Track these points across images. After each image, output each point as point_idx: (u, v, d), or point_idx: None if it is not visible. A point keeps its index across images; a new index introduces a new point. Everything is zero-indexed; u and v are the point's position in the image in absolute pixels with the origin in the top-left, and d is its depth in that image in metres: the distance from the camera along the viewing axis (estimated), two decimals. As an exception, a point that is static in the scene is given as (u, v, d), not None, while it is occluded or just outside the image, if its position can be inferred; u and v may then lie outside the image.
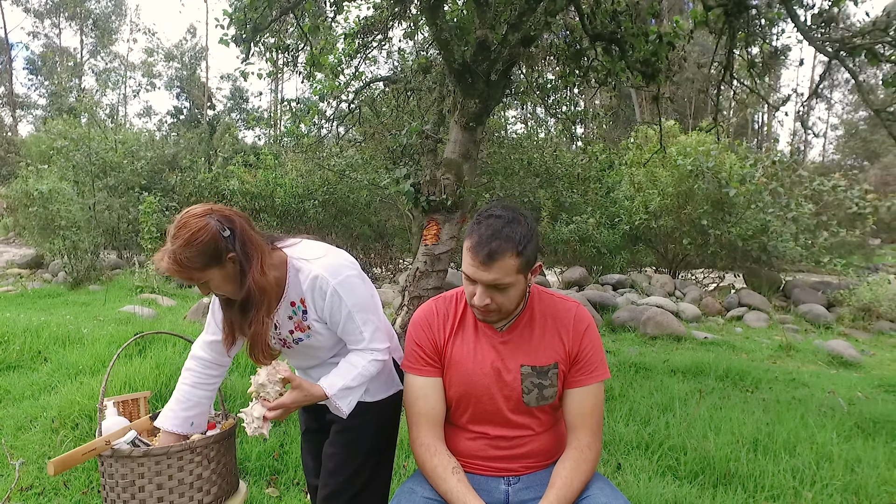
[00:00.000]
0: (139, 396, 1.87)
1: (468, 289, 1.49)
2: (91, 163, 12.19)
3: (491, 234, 1.39)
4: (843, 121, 38.04)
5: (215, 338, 1.69)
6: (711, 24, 4.72)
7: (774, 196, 10.23)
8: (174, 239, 1.43)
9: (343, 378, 1.58)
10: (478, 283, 1.44)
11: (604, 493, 1.43)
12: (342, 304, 1.57)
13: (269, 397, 1.52)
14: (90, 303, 8.00)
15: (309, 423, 1.91)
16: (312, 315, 1.60)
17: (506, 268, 1.40)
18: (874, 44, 3.85)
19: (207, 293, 1.54)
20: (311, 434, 1.91)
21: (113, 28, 39.11)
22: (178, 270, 1.43)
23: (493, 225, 1.41)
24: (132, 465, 1.51)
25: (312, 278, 1.56)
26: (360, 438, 1.72)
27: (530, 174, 9.63)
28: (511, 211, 1.46)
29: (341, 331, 1.62)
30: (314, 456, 1.88)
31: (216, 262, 1.45)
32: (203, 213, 1.46)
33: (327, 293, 1.56)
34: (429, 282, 3.85)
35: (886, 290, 8.82)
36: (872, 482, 2.82)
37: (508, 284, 1.42)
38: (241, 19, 5.08)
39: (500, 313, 1.50)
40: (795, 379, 5.16)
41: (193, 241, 1.42)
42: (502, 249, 1.38)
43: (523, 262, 1.42)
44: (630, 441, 3.33)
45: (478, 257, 1.39)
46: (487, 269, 1.39)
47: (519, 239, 1.40)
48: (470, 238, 1.43)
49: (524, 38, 3.92)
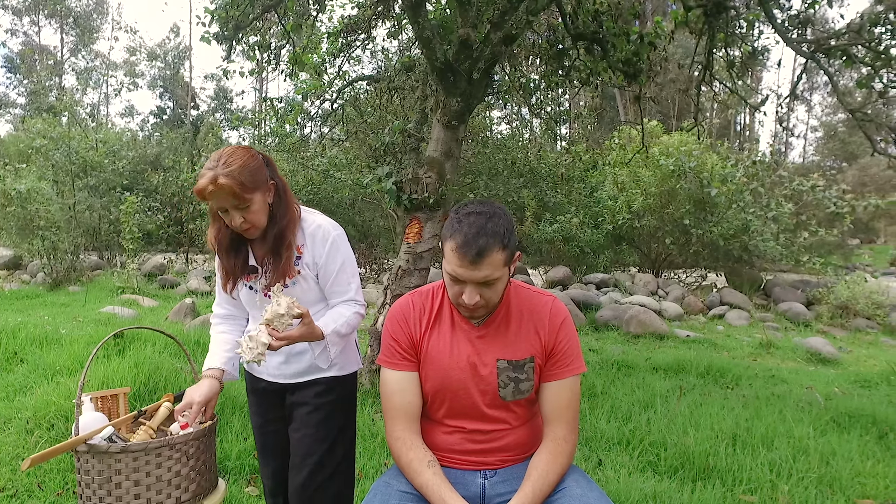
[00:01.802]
0: (118, 392, 1.84)
1: (453, 289, 1.48)
2: (71, 162, 12.04)
3: (476, 233, 1.39)
4: (823, 123, 38.66)
5: (221, 296, 1.87)
6: (692, 24, 4.78)
7: (755, 196, 10.38)
8: (226, 164, 1.55)
9: (335, 322, 1.68)
10: (466, 283, 1.44)
11: (579, 485, 1.44)
12: (338, 254, 1.74)
13: (279, 328, 1.54)
14: (70, 304, 7.89)
15: (268, 413, 1.89)
16: (307, 259, 1.72)
17: (494, 263, 1.40)
18: (849, 45, 3.92)
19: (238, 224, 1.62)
20: (271, 425, 1.89)
21: (94, 26, 38.59)
22: (231, 187, 1.54)
23: (476, 222, 1.40)
24: (109, 462, 1.49)
25: (316, 226, 1.73)
26: (329, 416, 1.79)
27: (514, 174, 9.66)
28: (488, 206, 1.47)
29: (332, 281, 1.74)
30: (275, 447, 1.88)
31: (263, 186, 1.62)
32: (246, 147, 1.64)
33: (328, 242, 1.72)
34: (411, 280, 3.85)
35: (863, 289, 8.99)
36: (846, 474, 2.88)
37: (497, 279, 1.43)
38: (223, 17, 5.05)
39: (487, 308, 1.51)
40: (775, 375, 5.23)
41: (247, 165, 1.58)
42: (490, 246, 1.39)
43: (508, 255, 1.44)
44: (611, 437, 3.36)
45: (467, 257, 1.39)
46: (477, 267, 1.39)
47: (503, 232, 1.41)
48: (454, 238, 1.41)
49: (506, 36, 3.94)
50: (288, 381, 1.82)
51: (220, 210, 1.62)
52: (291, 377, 1.81)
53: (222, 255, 1.75)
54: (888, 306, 8.94)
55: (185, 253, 14.78)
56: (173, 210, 14.34)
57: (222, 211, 1.62)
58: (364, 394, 3.92)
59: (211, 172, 1.55)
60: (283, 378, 1.83)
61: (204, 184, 1.54)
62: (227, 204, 1.58)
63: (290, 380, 1.82)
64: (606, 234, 11.47)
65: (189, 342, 4.50)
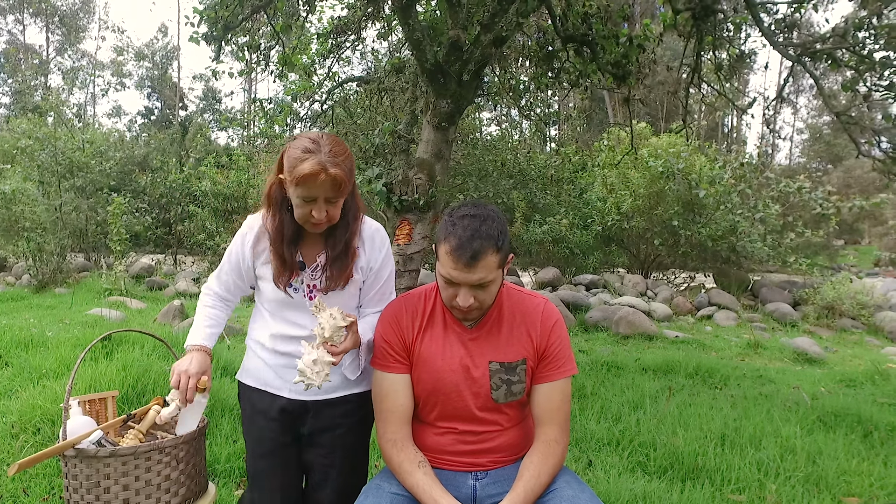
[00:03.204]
0: (106, 396, 1.82)
1: (447, 292, 1.48)
2: (57, 163, 11.91)
3: (471, 235, 1.40)
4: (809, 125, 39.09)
5: (228, 279, 1.72)
6: (680, 27, 4.82)
7: (743, 197, 10.47)
8: (333, 153, 1.47)
9: (369, 332, 1.63)
10: (460, 286, 1.44)
11: (570, 486, 1.45)
12: (390, 261, 1.72)
13: (337, 342, 1.46)
14: (56, 306, 7.81)
15: (284, 436, 1.67)
16: (362, 263, 1.65)
17: (489, 266, 1.41)
18: (834, 49, 3.97)
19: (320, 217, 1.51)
20: (282, 450, 1.67)
21: (80, 25, 38.23)
22: (341, 179, 1.47)
23: (471, 225, 1.41)
24: (97, 466, 1.48)
25: (375, 229, 1.69)
26: (360, 436, 1.73)
27: (504, 175, 9.69)
28: (481, 208, 1.47)
29: (379, 288, 1.71)
30: (285, 474, 1.68)
31: (352, 181, 1.57)
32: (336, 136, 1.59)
33: (385, 248, 1.69)
34: (401, 282, 3.85)
35: (848, 289, 9.09)
36: (832, 473, 2.91)
37: (491, 281, 1.44)
38: (212, 17, 5.03)
39: (481, 310, 1.52)
40: (762, 375, 5.28)
41: (349, 157, 1.52)
42: (484, 248, 1.39)
43: (502, 257, 1.45)
44: (601, 438, 3.37)
45: (461, 259, 1.39)
46: (472, 270, 1.40)
47: (497, 235, 1.42)
48: (448, 241, 1.42)
49: (496, 38, 3.95)
50: (316, 399, 1.64)
51: (308, 199, 1.48)
52: (322, 393, 1.64)
53: (283, 247, 1.58)
54: (873, 306, 9.06)
55: (174, 254, 14.68)
56: (161, 211, 14.24)
57: (309, 200, 1.48)
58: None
59: (317, 158, 1.44)
60: (309, 394, 1.64)
61: (316, 170, 1.43)
62: (323, 194, 1.47)
63: (319, 396, 1.64)
64: (596, 236, 11.52)
65: (178, 344, 4.47)
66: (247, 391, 1.72)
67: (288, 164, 1.48)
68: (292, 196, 1.51)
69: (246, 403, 1.73)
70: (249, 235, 1.64)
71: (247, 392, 1.72)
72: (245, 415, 1.74)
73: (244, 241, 1.64)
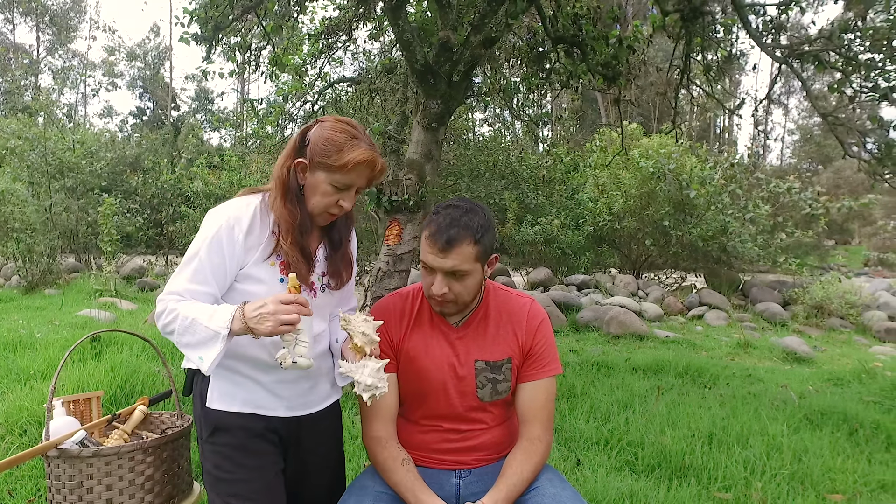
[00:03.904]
0: (91, 396, 1.82)
1: (426, 279, 1.51)
2: (47, 163, 11.84)
3: (450, 223, 1.43)
4: (799, 126, 39.36)
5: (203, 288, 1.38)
6: (669, 28, 4.85)
7: (733, 198, 10.53)
8: (372, 142, 1.43)
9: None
10: (436, 273, 1.46)
11: (553, 484, 1.46)
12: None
13: (377, 349, 1.39)
14: (45, 307, 7.75)
15: (277, 458, 1.50)
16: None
17: (464, 255, 1.43)
18: (820, 51, 4.01)
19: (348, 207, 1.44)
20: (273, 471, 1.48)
21: (71, 25, 38.00)
22: (385, 168, 1.45)
23: (452, 214, 1.45)
24: (80, 466, 1.48)
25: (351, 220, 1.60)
26: (341, 446, 1.69)
27: (496, 176, 9.70)
28: (468, 202, 1.51)
29: (350, 284, 1.62)
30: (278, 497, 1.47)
31: None
32: None
33: (355, 241, 1.63)
34: (391, 282, 3.85)
35: (837, 289, 9.17)
36: (817, 470, 2.94)
37: (466, 272, 1.45)
38: (202, 17, 5.01)
39: (457, 304, 1.52)
40: (751, 375, 5.31)
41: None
42: (461, 237, 1.42)
43: (481, 251, 1.46)
44: (590, 437, 3.39)
45: (437, 244, 1.43)
46: (446, 255, 1.42)
47: (477, 228, 1.45)
48: (428, 227, 1.47)
49: (486, 39, 3.96)
50: (309, 412, 1.53)
51: (344, 187, 1.40)
52: (314, 405, 1.54)
53: (303, 240, 1.43)
54: (861, 306, 9.14)
55: (165, 255, 14.62)
56: (153, 212, 14.18)
57: (343, 188, 1.41)
58: (346, 395, 3.91)
59: (365, 144, 1.39)
60: (303, 408, 1.51)
61: (371, 157, 1.38)
62: (359, 184, 1.42)
63: (311, 409, 1.53)
64: (587, 236, 11.56)
65: (166, 346, 4.45)
66: (231, 419, 1.43)
67: (325, 149, 1.38)
68: (320, 182, 1.39)
69: (231, 435, 1.43)
70: (238, 229, 1.39)
71: (231, 420, 1.43)
72: (228, 449, 1.42)
73: (232, 237, 1.38)
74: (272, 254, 1.43)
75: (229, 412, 1.43)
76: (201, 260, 1.37)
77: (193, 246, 1.39)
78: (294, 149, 1.43)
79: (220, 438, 1.43)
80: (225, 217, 1.40)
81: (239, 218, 1.40)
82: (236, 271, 1.42)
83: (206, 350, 1.29)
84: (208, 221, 1.41)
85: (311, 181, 1.42)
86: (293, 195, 1.43)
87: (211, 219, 1.42)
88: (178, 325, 1.31)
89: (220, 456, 1.43)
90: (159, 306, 1.35)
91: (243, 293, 1.42)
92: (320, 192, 1.41)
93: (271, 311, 1.25)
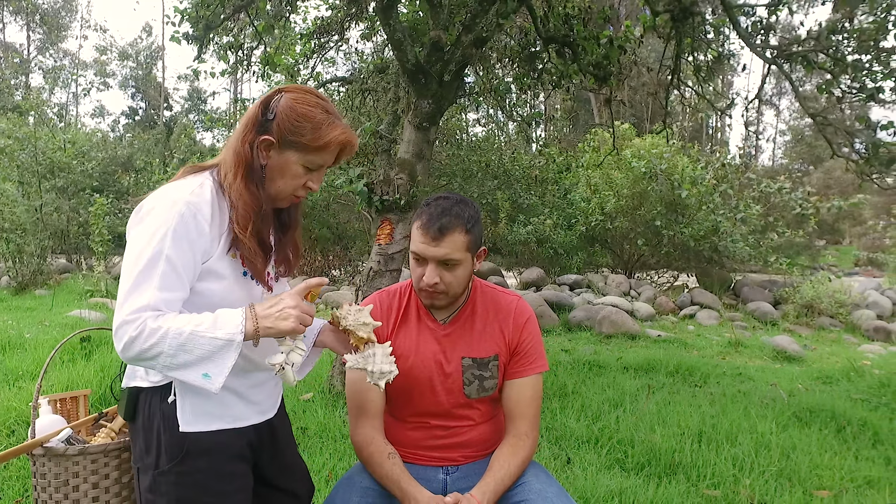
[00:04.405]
0: (78, 395, 1.81)
1: (416, 271, 1.52)
2: (38, 163, 11.78)
3: (441, 212, 1.46)
4: (790, 127, 39.59)
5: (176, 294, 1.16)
6: (660, 29, 4.87)
7: (724, 198, 10.58)
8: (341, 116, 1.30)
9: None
10: (427, 262, 1.47)
11: (539, 479, 1.47)
12: None
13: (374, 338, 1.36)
14: (36, 308, 7.71)
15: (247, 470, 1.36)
16: None
17: (456, 243, 1.45)
18: (808, 52, 4.04)
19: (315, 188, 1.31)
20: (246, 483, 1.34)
21: (62, 24, 37.76)
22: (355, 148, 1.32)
23: (443, 204, 1.48)
24: (66, 464, 1.47)
25: None
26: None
27: (489, 176, 9.72)
28: (457, 195, 1.54)
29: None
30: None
31: None
32: None
33: None
34: (382, 281, 3.85)
35: (827, 288, 9.24)
36: (805, 467, 2.97)
37: (458, 262, 1.47)
38: (193, 16, 5.00)
39: (447, 296, 1.53)
40: (742, 373, 5.35)
41: None
42: (453, 225, 1.44)
43: (472, 241, 1.48)
44: (581, 436, 3.40)
45: (429, 233, 1.44)
46: (438, 243, 1.44)
47: (467, 217, 1.47)
48: (419, 218, 1.49)
49: (477, 39, 3.97)
50: (275, 412, 1.42)
51: (315, 167, 1.28)
52: (277, 404, 1.44)
53: (264, 229, 1.27)
54: (850, 305, 9.21)
55: (157, 256, 14.52)
56: (145, 212, 14.08)
57: (314, 169, 1.28)
58: (336, 395, 3.91)
59: (342, 124, 1.27)
60: (272, 410, 1.41)
61: (350, 139, 1.27)
62: (329, 164, 1.30)
63: (276, 409, 1.43)
64: (579, 236, 11.59)
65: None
66: (209, 440, 1.24)
67: (299, 126, 1.23)
68: (291, 163, 1.25)
69: (207, 459, 1.24)
70: (201, 216, 1.18)
71: (209, 441, 1.24)
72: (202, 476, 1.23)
73: (199, 227, 1.17)
74: (232, 245, 1.24)
75: (208, 432, 1.24)
76: (169, 260, 1.13)
77: (149, 245, 1.14)
78: (255, 122, 1.25)
79: (194, 465, 1.22)
80: (183, 203, 1.16)
81: (198, 204, 1.18)
82: (200, 268, 1.20)
83: (214, 364, 1.11)
84: (160, 211, 1.16)
85: (277, 161, 1.25)
86: (257, 176, 1.25)
87: (162, 208, 1.17)
88: (168, 345, 1.09)
89: (189, 487, 1.22)
90: (130, 330, 1.08)
91: (200, 293, 1.21)
92: (290, 173, 1.26)
93: (292, 306, 1.16)
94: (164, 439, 1.22)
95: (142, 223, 1.17)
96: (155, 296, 1.11)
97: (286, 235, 1.37)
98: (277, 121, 1.23)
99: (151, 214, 1.17)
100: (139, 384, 1.26)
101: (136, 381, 1.27)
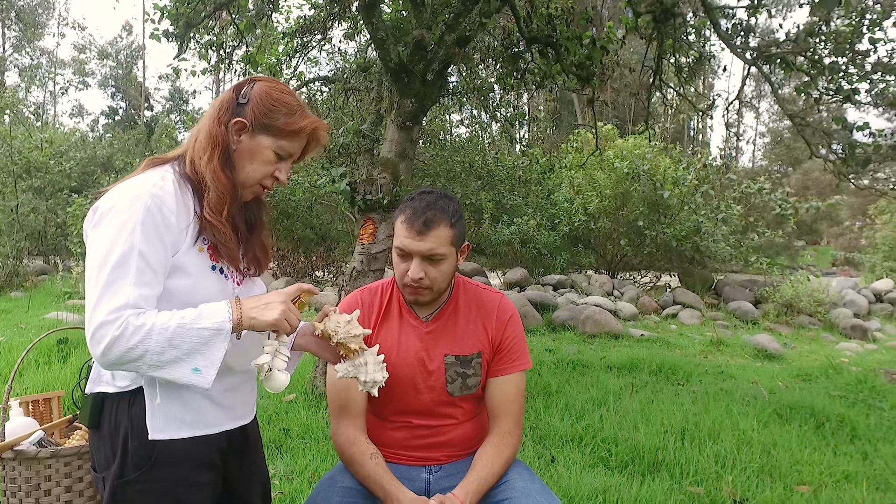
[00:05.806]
0: (51, 396, 1.77)
1: (401, 267, 1.50)
2: (13, 162, 11.55)
3: (426, 206, 1.45)
4: (770, 129, 40.18)
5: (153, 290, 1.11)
6: (641, 30, 4.90)
7: (706, 198, 10.71)
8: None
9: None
10: (412, 257, 1.46)
11: (522, 477, 1.46)
12: None
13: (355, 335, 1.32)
14: (11, 310, 7.55)
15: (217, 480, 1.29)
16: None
17: (441, 237, 1.44)
18: (787, 54, 4.09)
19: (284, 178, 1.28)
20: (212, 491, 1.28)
21: (39, 22, 37.12)
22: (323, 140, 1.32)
23: (427, 199, 1.47)
24: (38, 468, 1.44)
25: None
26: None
27: (472, 176, 9.72)
28: (440, 191, 1.53)
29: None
30: None
31: None
32: None
33: None
34: (365, 281, 3.82)
35: (806, 288, 9.38)
36: (785, 463, 3.00)
37: (443, 256, 1.46)
38: (173, 14, 4.93)
39: (432, 291, 1.52)
40: (724, 372, 5.40)
41: None
42: (437, 219, 1.44)
43: (456, 235, 1.48)
44: (565, 435, 3.41)
45: (414, 227, 1.43)
46: (423, 237, 1.43)
47: (452, 212, 1.47)
48: (404, 213, 1.47)
49: (460, 38, 3.96)
50: (250, 419, 1.37)
51: (286, 155, 1.26)
52: (252, 410, 1.38)
53: (236, 219, 1.24)
54: (828, 304, 9.37)
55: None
56: (124, 213, 13.88)
57: (285, 157, 1.26)
58: (319, 396, 3.88)
59: (317, 118, 1.27)
60: (246, 416, 1.35)
61: (322, 127, 1.26)
62: (297, 156, 1.28)
63: (251, 415, 1.38)
64: (563, 236, 11.64)
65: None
66: (178, 449, 1.18)
67: (274, 109, 1.22)
68: (263, 148, 1.22)
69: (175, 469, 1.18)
70: (167, 209, 1.13)
71: (179, 449, 1.18)
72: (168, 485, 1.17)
73: (165, 219, 1.12)
74: (199, 237, 1.19)
75: (178, 439, 1.18)
76: (142, 255, 1.08)
77: (117, 241, 1.08)
78: (230, 104, 1.23)
79: (162, 473, 1.16)
80: (148, 196, 1.11)
81: (162, 197, 1.13)
82: (171, 263, 1.15)
83: (204, 357, 1.07)
84: (122, 208, 1.10)
85: (248, 145, 1.22)
86: (231, 159, 1.22)
87: (124, 204, 1.11)
88: (154, 342, 1.03)
89: (155, 496, 1.16)
90: (112, 330, 1.02)
91: (166, 289, 1.14)
92: (261, 159, 1.23)
93: (281, 300, 1.14)
94: (132, 447, 1.15)
95: (102, 223, 1.12)
96: (133, 292, 1.05)
97: (252, 235, 1.32)
98: (252, 105, 1.22)
99: (112, 212, 1.11)
100: (104, 389, 1.18)
101: (102, 386, 1.19)
